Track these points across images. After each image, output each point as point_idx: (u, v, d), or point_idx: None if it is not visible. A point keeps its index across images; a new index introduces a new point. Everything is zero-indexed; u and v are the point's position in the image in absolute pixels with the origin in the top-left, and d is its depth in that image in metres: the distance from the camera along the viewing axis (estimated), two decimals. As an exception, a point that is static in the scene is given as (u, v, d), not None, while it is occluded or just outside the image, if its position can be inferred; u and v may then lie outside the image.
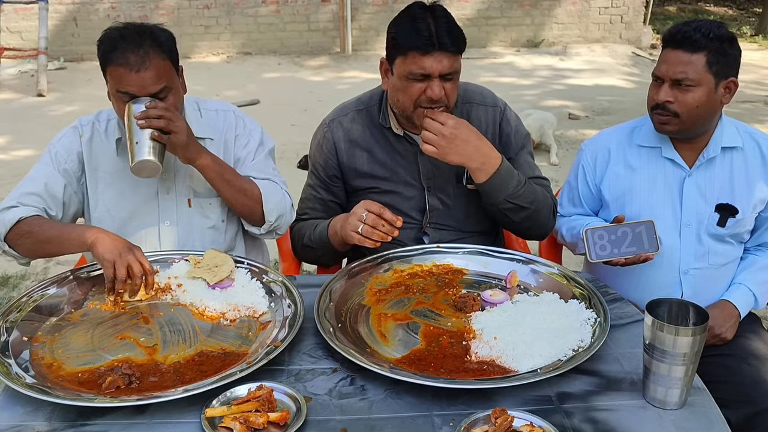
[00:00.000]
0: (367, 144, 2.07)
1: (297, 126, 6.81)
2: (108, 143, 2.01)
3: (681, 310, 1.40)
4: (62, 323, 1.62)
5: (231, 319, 1.65)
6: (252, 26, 9.91)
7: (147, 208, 2.02)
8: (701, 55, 1.85)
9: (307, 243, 2.09)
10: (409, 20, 1.86)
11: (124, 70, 1.79)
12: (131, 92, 1.81)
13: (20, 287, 3.77)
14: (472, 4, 10.22)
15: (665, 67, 1.90)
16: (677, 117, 1.90)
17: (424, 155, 1.99)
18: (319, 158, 2.12)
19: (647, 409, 1.36)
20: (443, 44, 1.80)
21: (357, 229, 1.80)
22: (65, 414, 1.31)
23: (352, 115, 2.09)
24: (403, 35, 1.85)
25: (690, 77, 1.86)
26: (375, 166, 2.06)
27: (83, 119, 2.06)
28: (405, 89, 1.87)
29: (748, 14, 14.85)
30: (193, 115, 2.06)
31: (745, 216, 2.00)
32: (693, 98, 1.88)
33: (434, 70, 1.82)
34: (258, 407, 1.29)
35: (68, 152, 2.00)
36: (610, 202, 2.10)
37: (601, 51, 10.36)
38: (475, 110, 2.06)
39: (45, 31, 7.97)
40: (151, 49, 1.81)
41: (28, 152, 5.94)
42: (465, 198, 2.06)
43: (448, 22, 1.85)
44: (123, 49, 1.80)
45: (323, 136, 2.12)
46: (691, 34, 1.85)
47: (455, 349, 1.52)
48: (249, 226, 2.07)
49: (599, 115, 7.41)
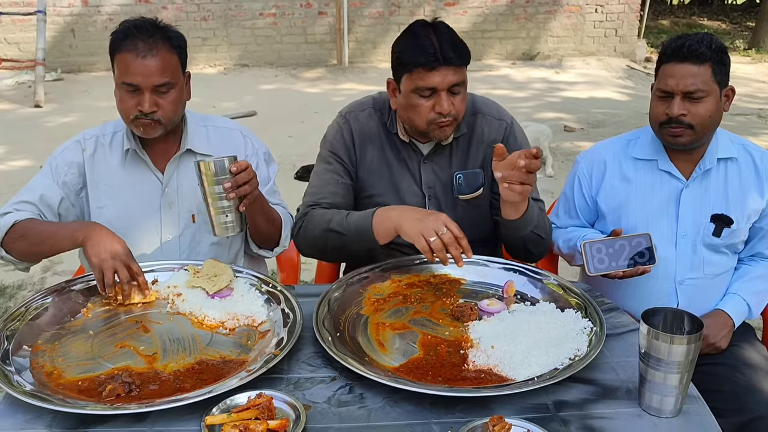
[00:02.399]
0: (379, 143, 2.07)
1: (294, 137, 6.84)
2: (112, 156, 2.02)
3: (676, 319, 1.42)
4: (62, 332, 1.63)
5: (230, 328, 1.66)
6: (249, 38, 9.96)
7: (149, 222, 2.02)
8: (707, 66, 1.88)
9: (335, 228, 1.91)
10: (412, 38, 1.87)
11: (131, 56, 1.83)
12: (135, 83, 1.83)
13: (17, 297, 3.77)
14: (468, 18, 10.30)
15: (674, 81, 1.90)
16: (691, 128, 1.92)
17: (427, 164, 2.02)
18: (339, 146, 2.08)
19: (643, 417, 1.37)
20: (448, 59, 1.82)
21: (430, 237, 1.70)
22: (65, 422, 1.32)
23: (368, 111, 2.10)
24: (407, 53, 1.86)
25: (701, 88, 1.88)
26: (383, 165, 2.07)
27: (87, 133, 2.06)
28: (414, 108, 1.89)
29: (741, 28, 14.98)
30: (199, 131, 2.06)
31: (740, 226, 2.02)
32: (705, 109, 1.90)
33: (441, 85, 1.84)
34: (258, 415, 1.30)
35: (69, 165, 2.01)
36: (606, 214, 2.12)
37: (595, 64, 10.44)
38: (480, 121, 2.08)
39: (43, 43, 8.01)
40: (161, 41, 1.86)
41: (25, 163, 5.95)
42: (462, 208, 2.07)
43: (452, 36, 1.87)
44: (134, 36, 1.84)
45: (341, 126, 2.10)
46: (696, 47, 1.87)
47: (453, 358, 1.54)
48: (258, 249, 2.08)
49: (594, 128, 7.45)
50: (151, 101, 1.86)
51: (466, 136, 2.07)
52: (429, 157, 2.06)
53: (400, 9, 10.17)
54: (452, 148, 2.06)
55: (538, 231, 1.96)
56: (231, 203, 1.75)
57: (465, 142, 2.07)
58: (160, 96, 1.88)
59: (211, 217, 1.77)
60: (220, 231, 1.78)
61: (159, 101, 1.88)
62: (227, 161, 1.72)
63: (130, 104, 1.87)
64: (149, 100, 1.85)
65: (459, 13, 10.24)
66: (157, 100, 1.87)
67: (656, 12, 15.16)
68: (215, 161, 1.72)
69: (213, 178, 1.72)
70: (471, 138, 2.07)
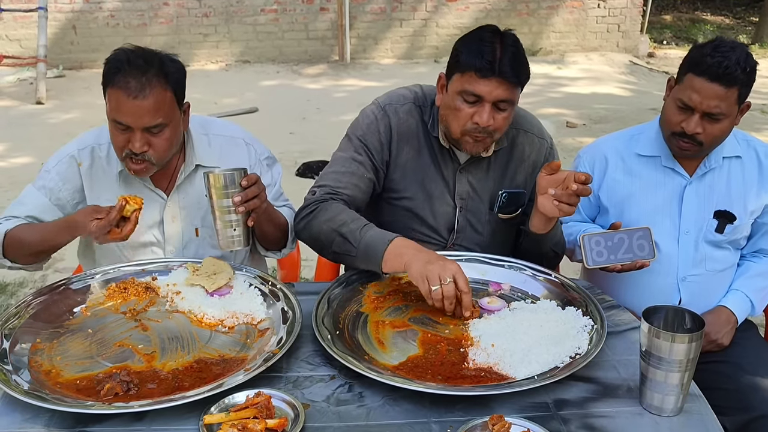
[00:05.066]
0: (417, 143, 1.97)
1: (295, 134, 6.82)
2: (110, 168, 1.94)
3: (677, 317, 1.41)
4: (60, 330, 1.62)
5: (229, 326, 1.65)
6: (251, 34, 9.94)
7: (151, 236, 1.98)
8: (735, 90, 1.82)
9: (346, 235, 1.78)
10: (476, 40, 1.78)
11: (122, 94, 1.71)
12: (126, 123, 1.73)
13: (18, 294, 3.77)
14: (470, 13, 10.26)
15: (698, 99, 1.83)
16: (701, 145, 1.90)
17: (463, 173, 1.96)
18: (373, 140, 1.95)
19: (644, 416, 1.36)
20: (503, 72, 1.73)
21: (433, 285, 1.60)
22: (64, 421, 1.31)
23: (409, 107, 1.98)
24: (465, 53, 1.77)
25: (724, 111, 1.84)
26: (417, 167, 1.98)
27: (82, 142, 1.97)
28: (455, 112, 1.81)
29: (744, 23, 14.92)
30: (201, 140, 1.99)
31: (743, 222, 2.01)
32: (720, 129, 1.88)
33: (488, 96, 1.76)
34: (256, 414, 1.29)
35: (63, 180, 1.93)
36: (609, 209, 2.11)
37: (598, 59, 10.41)
38: (522, 137, 2.01)
39: (44, 39, 8.00)
40: (156, 78, 1.73)
41: (26, 159, 5.95)
42: (495, 225, 2.02)
43: (516, 52, 1.77)
44: (125, 72, 1.72)
45: (378, 118, 1.96)
46: (733, 70, 1.79)
47: (453, 356, 1.53)
48: (265, 251, 2.06)
49: (597, 123, 7.44)
50: (142, 141, 1.75)
51: (506, 151, 1.99)
52: (466, 167, 1.97)
53: (401, 5, 10.14)
54: (491, 161, 1.98)
55: (556, 248, 1.96)
56: (239, 217, 1.73)
57: (504, 157, 2.00)
58: (152, 135, 1.77)
59: (217, 230, 1.75)
60: (225, 245, 1.76)
61: (151, 140, 1.77)
62: (237, 175, 1.70)
63: (121, 140, 1.78)
64: (140, 140, 1.75)
65: (461, 9, 10.20)
66: (149, 139, 1.77)
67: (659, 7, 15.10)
68: (225, 174, 1.70)
69: (222, 191, 1.70)
70: (511, 154, 2.00)
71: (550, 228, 1.85)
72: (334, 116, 6.94)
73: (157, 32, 9.55)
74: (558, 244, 1.97)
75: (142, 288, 1.78)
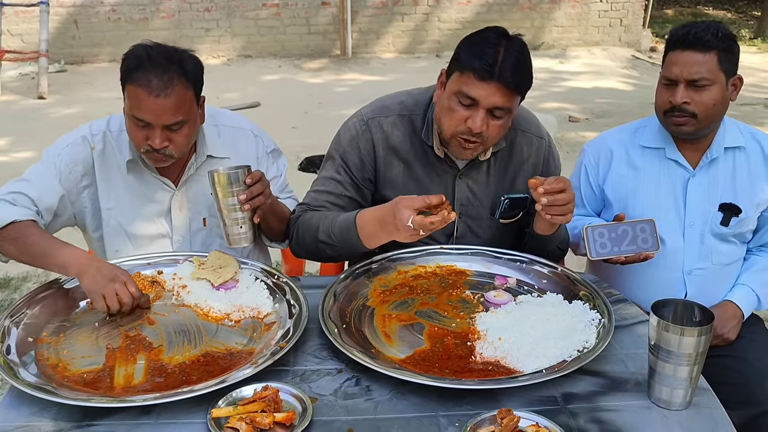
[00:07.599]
0: (406, 155, 1.92)
1: (297, 128, 6.81)
2: (121, 155, 1.93)
3: (686, 311, 1.40)
4: (67, 324, 1.62)
5: (236, 320, 1.65)
6: (252, 29, 9.92)
7: (159, 225, 1.98)
8: (713, 54, 1.86)
9: (323, 239, 1.81)
10: (480, 41, 1.72)
11: (144, 92, 1.70)
12: (147, 120, 1.73)
13: (22, 289, 3.77)
14: (472, 7, 10.23)
15: (678, 69, 1.88)
16: (694, 117, 1.90)
17: (462, 180, 1.93)
18: (353, 156, 1.92)
19: (652, 410, 1.36)
20: (503, 77, 1.66)
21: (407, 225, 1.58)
22: (71, 414, 1.31)
23: (393, 118, 1.92)
24: (466, 52, 1.71)
25: (706, 77, 1.86)
26: (410, 181, 1.93)
27: (94, 127, 1.95)
28: (449, 112, 1.75)
29: (746, 17, 14.88)
30: (210, 131, 1.99)
31: (748, 215, 2.00)
32: (709, 97, 1.88)
33: (484, 101, 1.69)
34: (264, 408, 1.29)
35: (75, 163, 1.91)
36: (614, 202, 2.10)
37: (600, 54, 10.39)
38: (520, 137, 1.97)
39: (46, 34, 7.99)
40: (177, 76, 1.72)
41: (28, 154, 5.94)
42: (496, 230, 2.00)
43: (520, 57, 1.70)
44: (147, 69, 1.70)
45: (360, 133, 1.92)
46: (702, 35, 1.85)
47: (460, 349, 1.53)
48: (270, 242, 2.06)
49: (599, 118, 7.42)
50: (162, 137, 1.75)
51: (505, 152, 1.95)
52: (465, 172, 1.93)
53: (403, -1, 10.13)
54: (490, 164, 1.94)
55: (561, 246, 1.96)
56: (245, 214, 1.75)
57: (504, 159, 1.96)
58: (172, 132, 1.77)
59: (224, 228, 1.76)
60: (233, 242, 1.78)
61: (171, 136, 1.77)
62: (241, 173, 1.71)
63: (140, 136, 1.77)
64: (160, 137, 1.75)
65: (463, 3, 10.17)
66: (169, 135, 1.77)
67: (661, 1, 15.06)
68: (230, 173, 1.71)
69: (227, 189, 1.72)
70: (510, 155, 1.96)
71: (555, 229, 1.85)
72: (336, 110, 6.92)
73: (159, 27, 9.52)
74: (563, 241, 1.97)
75: (148, 282, 1.78)
